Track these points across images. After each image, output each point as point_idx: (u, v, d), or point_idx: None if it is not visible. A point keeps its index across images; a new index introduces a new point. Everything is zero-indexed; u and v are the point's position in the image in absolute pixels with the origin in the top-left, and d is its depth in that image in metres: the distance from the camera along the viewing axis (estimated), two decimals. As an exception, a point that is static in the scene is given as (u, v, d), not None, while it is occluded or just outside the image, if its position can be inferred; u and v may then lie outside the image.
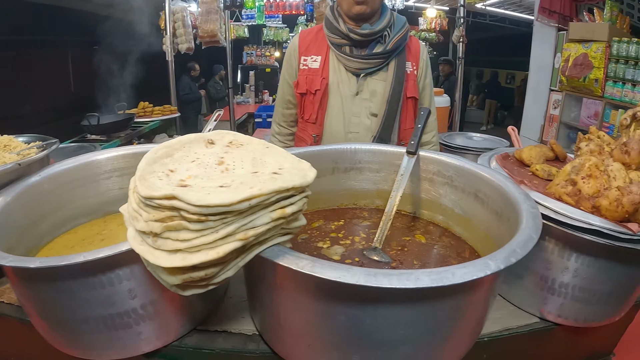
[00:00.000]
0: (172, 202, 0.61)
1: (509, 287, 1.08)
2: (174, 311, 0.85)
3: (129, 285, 0.76)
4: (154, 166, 0.71)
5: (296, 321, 0.74)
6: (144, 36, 4.67)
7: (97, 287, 0.74)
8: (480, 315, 0.79)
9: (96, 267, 0.72)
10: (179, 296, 0.81)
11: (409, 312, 0.66)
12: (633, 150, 1.01)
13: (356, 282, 0.58)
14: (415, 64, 1.85)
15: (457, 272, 0.60)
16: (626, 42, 3.77)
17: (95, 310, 0.76)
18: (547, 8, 4.83)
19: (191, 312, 0.89)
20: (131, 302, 0.78)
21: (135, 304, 0.78)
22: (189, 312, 0.89)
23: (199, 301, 0.91)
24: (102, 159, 1.17)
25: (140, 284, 0.77)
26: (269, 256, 0.67)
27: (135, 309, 0.79)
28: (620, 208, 0.86)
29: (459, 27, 4.71)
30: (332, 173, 1.24)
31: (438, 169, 1.17)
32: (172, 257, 0.61)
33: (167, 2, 4.86)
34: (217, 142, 0.82)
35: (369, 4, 1.67)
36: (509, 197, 0.93)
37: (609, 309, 1.00)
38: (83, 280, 0.73)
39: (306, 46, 1.85)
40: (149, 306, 0.80)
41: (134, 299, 0.78)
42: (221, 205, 0.60)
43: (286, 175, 0.70)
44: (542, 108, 5.01)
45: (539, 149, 1.25)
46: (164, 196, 0.61)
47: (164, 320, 0.84)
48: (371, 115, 1.78)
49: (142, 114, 4.33)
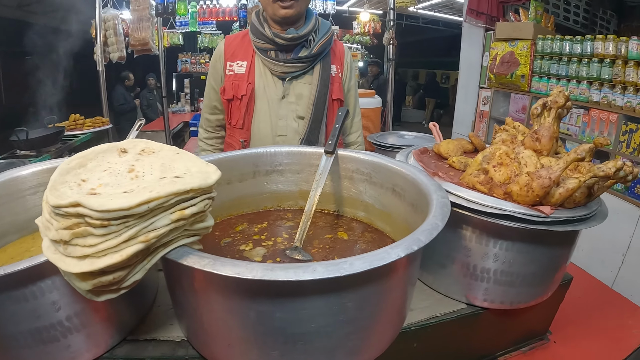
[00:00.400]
0: (77, 209, 0.62)
1: (434, 277, 1.11)
2: (100, 322, 0.83)
3: (52, 297, 0.75)
4: (66, 177, 0.71)
5: (212, 321, 0.74)
6: (76, 46, 4.51)
7: (21, 300, 0.72)
8: (397, 304, 0.79)
9: (18, 280, 0.71)
10: (105, 306, 0.83)
11: (317, 304, 0.66)
12: (543, 137, 1.06)
13: (253, 276, 0.58)
14: (339, 67, 1.88)
15: (356, 263, 0.60)
16: (550, 39, 3.94)
17: (21, 324, 0.74)
18: (474, 9, 5.00)
19: (119, 323, 0.88)
20: (56, 315, 0.76)
21: (60, 316, 0.77)
22: (117, 323, 0.87)
23: (126, 311, 0.90)
24: (27, 174, 1.12)
25: (64, 296, 0.76)
26: (173, 257, 0.67)
27: (61, 322, 0.77)
28: (531, 192, 0.89)
29: (389, 30, 4.81)
30: (253, 177, 1.24)
31: (357, 167, 1.19)
32: (81, 263, 0.62)
33: (97, 10, 4.70)
34: (130, 151, 0.82)
35: (294, 8, 1.68)
36: (421, 189, 0.95)
37: (535, 290, 1.04)
38: (7, 294, 0.71)
39: (232, 52, 1.85)
40: (74, 318, 0.78)
41: (58, 311, 0.76)
42: (121, 209, 0.61)
43: (187, 178, 0.71)
44: (473, 105, 5.16)
45: (457, 142, 1.29)
46: (70, 204, 0.62)
47: (92, 331, 0.82)
48: (298, 118, 1.80)
49: (73, 126, 4.18)
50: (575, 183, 0.89)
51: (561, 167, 0.89)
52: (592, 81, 3.54)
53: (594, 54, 3.49)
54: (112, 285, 0.67)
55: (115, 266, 0.63)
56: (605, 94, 3.38)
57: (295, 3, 1.67)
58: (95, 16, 4.79)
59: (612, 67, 3.33)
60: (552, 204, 0.91)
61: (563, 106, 1.07)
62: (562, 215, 0.90)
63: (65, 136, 3.88)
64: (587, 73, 3.55)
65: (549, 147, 1.06)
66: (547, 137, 1.06)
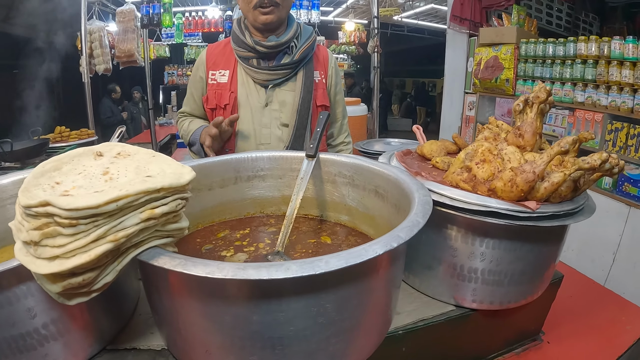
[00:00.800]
0: (47, 209, 0.61)
1: (421, 280, 1.09)
2: (79, 330, 0.81)
3: (27, 303, 0.73)
4: (40, 179, 0.70)
5: (189, 327, 0.72)
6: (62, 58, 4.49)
7: None
8: (380, 306, 0.78)
9: None
10: (83, 314, 0.81)
11: (294, 306, 0.64)
12: (526, 133, 1.04)
13: (224, 276, 0.56)
14: (323, 72, 1.88)
15: (331, 261, 0.58)
16: (533, 43, 3.98)
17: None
18: (458, 16, 5.05)
19: (98, 331, 0.86)
20: (32, 322, 0.74)
21: (36, 323, 0.74)
22: (96, 331, 0.85)
23: (105, 319, 0.87)
24: (7, 183, 1.10)
25: (39, 302, 0.74)
26: (144, 258, 0.65)
27: (37, 329, 0.75)
28: (515, 188, 0.88)
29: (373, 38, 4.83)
30: (235, 182, 1.22)
31: (339, 170, 1.18)
32: (51, 264, 0.61)
33: (83, 21, 4.69)
34: (106, 154, 0.81)
35: (274, 14, 1.68)
36: (403, 189, 0.94)
37: (524, 289, 1.02)
38: None
39: (213, 60, 1.85)
40: (51, 325, 0.76)
41: (34, 318, 0.74)
42: (89, 208, 0.60)
43: (158, 178, 0.70)
44: (459, 110, 5.19)
45: (440, 143, 1.28)
46: (39, 203, 0.61)
47: (70, 340, 0.80)
48: (282, 126, 1.79)
49: (58, 138, 4.13)
50: (560, 177, 0.88)
51: (545, 160, 0.88)
52: (576, 82, 3.58)
53: (577, 55, 3.53)
54: (82, 288, 0.65)
55: (85, 267, 0.62)
56: (590, 94, 3.42)
57: (276, 9, 1.67)
58: (81, 28, 4.78)
59: (596, 67, 3.36)
60: (538, 199, 0.90)
61: (545, 101, 1.05)
62: (549, 210, 0.88)
63: (51, 148, 3.83)
64: (571, 74, 3.59)
65: (532, 142, 1.04)
66: (530, 132, 1.04)
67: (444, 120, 5.55)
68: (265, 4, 1.65)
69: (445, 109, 5.51)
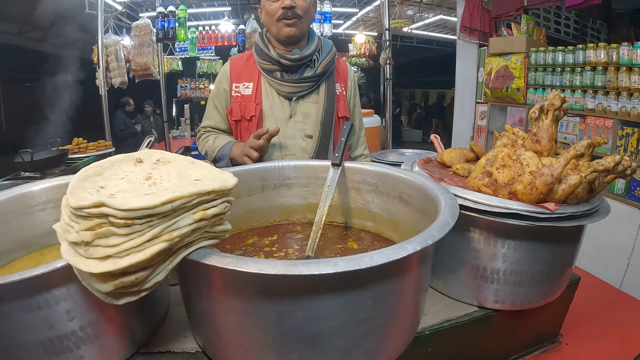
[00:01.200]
0: (101, 209, 0.63)
1: (445, 282, 1.11)
2: (114, 333, 0.83)
3: (66, 306, 0.74)
4: (84, 183, 0.72)
5: (230, 326, 0.75)
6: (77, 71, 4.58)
7: (34, 308, 0.71)
8: (412, 304, 0.81)
9: (32, 287, 0.70)
10: (118, 317, 0.82)
11: (336, 301, 0.67)
12: (543, 139, 1.09)
13: (277, 272, 0.59)
14: (343, 85, 1.92)
15: (375, 256, 0.62)
16: (543, 52, 4.00)
17: (33, 334, 0.73)
18: (467, 27, 5.08)
19: (132, 334, 0.87)
20: (70, 324, 0.75)
21: (74, 325, 0.76)
22: (130, 334, 0.87)
23: (139, 323, 0.89)
24: (37, 190, 1.13)
25: (78, 305, 0.75)
26: (195, 258, 0.68)
27: (75, 331, 0.76)
28: (535, 190, 0.92)
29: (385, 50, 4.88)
30: (262, 191, 1.25)
31: (363, 178, 1.21)
32: (103, 263, 0.63)
33: (99, 36, 4.78)
34: (145, 161, 0.83)
35: (298, 26, 1.72)
36: (429, 194, 0.98)
37: (544, 289, 1.05)
38: (19, 303, 0.70)
39: (237, 73, 1.87)
40: (88, 328, 0.78)
41: (72, 320, 0.75)
42: (145, 208, 0.62)
43: (207, 181, 0.73)
44: (470, 120, 5.21)
45: (458, 151, 1.32)
46: (93, 204, 0.63)
47: (105, 342, 0.82)
48: (306, 137, 1.82)
49: (76, 150, 4.20)
50: (576, 179, 0.92)
51: (562, 163, 0.92)
52: (586, 89, 3.59)
53: (587, 62, 3.54)
54: (133, 287, 0.67)
55: (138, 266, 0.64)
56: (600, 100, 3.42)
57: (298, 21, 1.71)
58: (98, 42, 4.87)
59: (605, 74, 3.37)
60: (556, 201, 0.94)
61: (559, 108, 1.10)
62: (567, 211, 0.92)
63: (69, 159, 3.88)
64: (580, 82, 3.60)
65: (548, 147, 1.08)
66: (547, 138, 1.09)
67: (455, 130, 5.56)
68: (289, 16, 1.69)
69: (457, 119, 5.52)
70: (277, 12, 1.70)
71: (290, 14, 1.69)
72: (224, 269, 0.63)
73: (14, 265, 1.07)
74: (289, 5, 1.67)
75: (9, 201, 1.09)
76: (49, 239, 1.13)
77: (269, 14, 1.73)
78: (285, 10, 1.68)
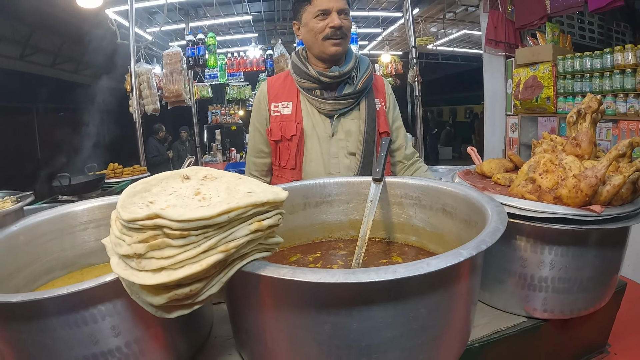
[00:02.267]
0: (155, 221, 0.63)
1: (492, 293, 1.10)
2: (159, 350, 0.83)
3: (112, 321, 0.74)
4: (133, 199, 0.73)
5: (282, 340, 0.74)
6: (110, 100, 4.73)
7: (80, 324, 0.72)
8: (463, 313, 0.80)
9: (79, 302, 0.71)
10: (164, 334, 0.82)
11: (391, 311, 0.67)
12: (583, 142, 1.08)
13: (336, 280, 0.60)
14: (382, 100, 1.91)
15: (432, 262, 0.63)
16: (570, 59, 3.98)
17: (77, 350, 0.73)
18: (493, 39, 5.09)
19: (176, 352, 0.87)
20: (115, 340, 0.75)
21: (119, 342, 0.76)
22: (175, 352, 0.86)
23: (183, 341, 0.89)
24: (79, 210, 1.15)
25: (124, 320, 0.76)
26: (250, 269, 0.69)
27: (120, 348, 0.76)
28: (580, 193, 0.91)
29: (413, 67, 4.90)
30: (304, 208, 1.25)
31: (405, 192, 1.21)
32: (157, 275, 0.63)
33: (132, 64, 4.93)
34: (192, 177, 0.85)
35: (343, 46, 1.74)
36: (474, 204, 0.97)
37: (592, 296, 1.03)
38: (65, 317, 0.71)
39: (275, 93, 1.88)
40: (134, 344, 0.78)
41: (117, 336, 0.75)
42: (202, 219, 0.63)
43: (260, 193, 0.74)
44: (501, 133, 5.18)
45: (497, 161, 1.31)
46: (147, 216, 0.64)
47: (150, 359, 0.82)
48: (349, 155, 1.81)
49: (112, 175, 4.29)
50: (620, 179, 0.92)
51: (605, 164, 0.92)
52: (616, 93, 3.55)
53: (615, 65, 3.51)
54: (187, 299, 0.67)
55: (193, 277, 0.64)
56: (632, 103, 3.39)
57: (344, 41, 1.74)
58: (131, 70, 4.99)
59: (634, 76, 3.34)
60: (601, 203, 0.93)
61: (597, 110, 1.09)
62: (613, 212, 0.92)
63: (105, 183, 3.93)
64: (610, 86, 3.57)
65: (589, 150, 1.08)
66: (587, 141, 1.08)
67: (487, 144, 5.52)
68: (337, 35, 1.70)
69: (488, 132, 5.49)
70: (323, 31, 1.71)
71: (339, 33, 1.71)
72: (281, 279, 0.64)
73: (54, 284, 1.09)
74: (339, 25, 1.69)
75: (50, 221, 1.11)
76: (90, 258, 1.16)
77: (313, 32, 1.74)
78: (333, 29, 1.70)
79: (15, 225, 1.05)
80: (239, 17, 7.05)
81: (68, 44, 8.89)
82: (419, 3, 7.02)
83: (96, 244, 1.17)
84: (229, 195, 0.75)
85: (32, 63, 8.53)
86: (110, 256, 0.71)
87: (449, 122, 15.81)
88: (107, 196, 1.23)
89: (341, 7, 1.71)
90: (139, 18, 6.24)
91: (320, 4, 1.70)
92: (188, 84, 6.06)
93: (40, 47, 8.61)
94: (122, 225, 0.68)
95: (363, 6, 7.33)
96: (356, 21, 5.67)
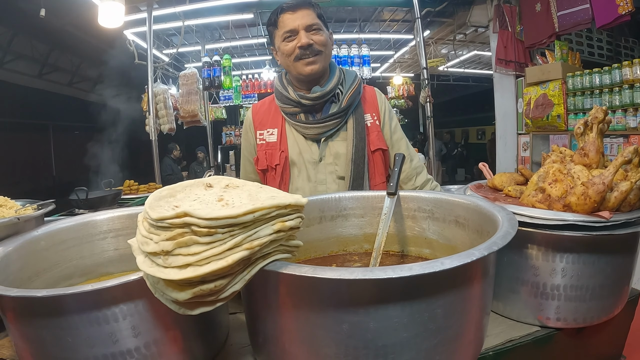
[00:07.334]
0: (184, 219, 0.67)
1: (505, 303, 1.11)
2: (176, 353, 0.84)
3: (133, 321, 0.76)
4: (159, 202, 0.77)
5: (301, 340, 0.76)
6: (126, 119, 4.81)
7: (101, 322, 0.74)
8: (477, 317, 0.81)
9: (102, 300, 0.74)
10: (182, 337, 0.84)
11: (408, 311, 0.69)
12: (590, 152, 1.11)
13: (355, 277, 0.63)
14: (375, 113, 1.78)
15: (446, 261, 0.66)
16: (579, 75, 4.03)
17: (97, 348, 0.75)
18: (503, 59, 5.15)
19: (193, 356, 0.89)
20: (134, 340, 0.77)
21: (138, 342, 0.77)
22: (191, 356, 0.88)
23: (201, 346, 0.90)
24: (99, 220, 1.17)
25: (144, 321, 0.78)
26: (272, 268, 0.72)
27: (139, 348, 0.78)
28: (588, 200, 0.94)
29: (424, 88, 4.94)
30: (319, 222, 1.27)
31: (418, 206, 1.22)
32: (183, 271, 0.65)
33: (149, 84, 5.02)
34: (215, 185, 0.88)
35: (318, 63, 1.63)
36: (485, 214, 0.99)
37: (605, 303, 1.04)
38: (87, 315, 0.73)
39: (260, 120, 1.80)
40: (153, 346, 0.79)
41: (137, 336, 0.77)
42: (229, 217, 0.66)
43: (282, 197, 0.78)
44: (513, 152, 5.21)
45: (509, 175, 1.34)
46: (176, 215, 0.67)
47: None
48: (338, 179, 1.72)
49: (128, 191, 4.34)
50: (627, 185, 0.95)
51: (612, 171, 0.95)
52: (626, 108, 3.57)
53: (624, 80, 3.54)
54: (211, 295, 0.69)
55: (218, 273, 0.67)
56: (642, 118, 3.38)
57: (319, 57, 1.63)
58: (148, 90, 5.07)
59: (644, 90, 3.33)
60: (610, 209, 0.96)
61: (603, 120, 1.12)
62: (621, 218, 0.94)
63: (122, 199, 3.98)
64: (620, 101, 3.59)
65: (597, 159, 1.10)
66: (594, 150, 1.11)
67: (499, 163, 5.53)
68: (307, 54, 1.61)
69: (500, 152, 5.51)
70: (293, 52, 1.62)
71: (309, 52, 1.61)
72: (302, 276, 0.67)
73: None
74: (306, 44, 1.59)
75: (71, 228, 1.14)
76: (107, 267, 1.18)
77: (285, 55, 1.66)
78: (302, 49, 1.60)
79: (37, 230, 1.09)
80: (253, 40, 7.14)
81: (86, 63, 9.10)
82: (430, 25, 7.09)
83: (115, 253, 1.20)
84: (250, 202, 0.78)
85: (50, 81, 8.72)
86: (136, 255, 0.74)
87: (460, 143, 15.77)
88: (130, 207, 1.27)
89: (308, 23, 1.61)
90: (156, 39, 6.37)
91: (285, 26, 1.63)
92: (203, 104, 6.17)
93: (58, 66, 8.82)
94: (150, 225, 0.71)
95: (375, 29, 7.43)
96: (368, 43, 5.74)
